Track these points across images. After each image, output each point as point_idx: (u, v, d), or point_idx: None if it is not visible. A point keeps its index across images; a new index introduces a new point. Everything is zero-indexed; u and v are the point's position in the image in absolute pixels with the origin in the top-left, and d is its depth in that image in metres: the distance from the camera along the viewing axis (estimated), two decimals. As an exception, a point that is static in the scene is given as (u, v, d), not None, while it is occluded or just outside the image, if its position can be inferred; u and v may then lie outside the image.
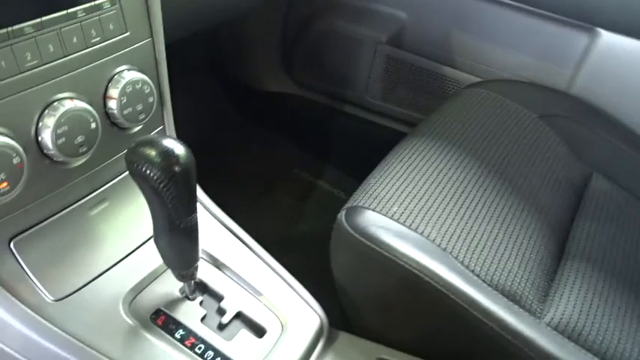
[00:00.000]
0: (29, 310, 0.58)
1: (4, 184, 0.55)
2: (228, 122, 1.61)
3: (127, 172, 0.67)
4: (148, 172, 0.52)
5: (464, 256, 0.72)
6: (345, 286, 0.77)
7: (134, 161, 0.52)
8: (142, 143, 0.53)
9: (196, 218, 0.59)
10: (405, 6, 1.35)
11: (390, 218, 0.76)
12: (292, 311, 0.70)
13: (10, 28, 0.54)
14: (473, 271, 0.64)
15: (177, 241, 0.59)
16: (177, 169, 0.52)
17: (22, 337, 0.58)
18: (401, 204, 0.79)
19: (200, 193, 0.78)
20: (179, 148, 0.53)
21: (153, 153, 0.52)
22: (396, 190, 0.81)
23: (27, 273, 0.60)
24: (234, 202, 0.85)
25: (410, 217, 0.76)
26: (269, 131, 1.61)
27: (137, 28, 0.67)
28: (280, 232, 1.27)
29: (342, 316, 0.81)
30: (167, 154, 0.52)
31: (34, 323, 0.58)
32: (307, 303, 0.72)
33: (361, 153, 1.29)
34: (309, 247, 1.01)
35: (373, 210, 0.76)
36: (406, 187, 0.82)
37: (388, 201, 0.79)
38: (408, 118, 1.42)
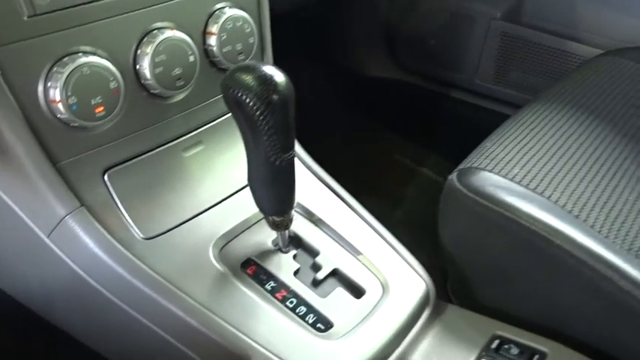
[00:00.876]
0: (119, 245, 0.55)
1: (101, 108, 0.53)
2: (328, 108, 1.57)
3: (225, 117, 0.64)
4: (244, 97, 0.47)
5: (601, 226, 0.60)
6: (456, 255, 0.68)
7: (230, 86, 0.48)
8: (240, 68, 0.49)
9: (293, 156, 0.53)
10: (524, -23, 1.23)
11: (510, 180, 0.65)
12: (394, 273, 0.62)
13: None
14: (614, 242, 0.52)
15: (272, 180, 0.54)
16: (275, 97, 0.48)
17: (110, 271, 0.55)
18: (523, 166, 0.68)
19: (297, 146, 0.72)
20: (279, 76, 0.48)
21: (250, 78, 0.48)
22: (517, 153, 0.71)
23: (119, 207, 0.57)
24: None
25: (534, 181, 0.65)
26: (371, 117, 1.55)
27: None
28: (380, 216, 1.19)
29: (447, 296, 0.71)
30: (265, 81, 0.48)
31: (123, 259, 0.55)
32: (411, 266, 0.64)
33: (468, 140, 1.19)
34: (410, 228, 0.92)
35: (490, 171, 0.67)
36: (529, 150, 0.71)
37: (508, 163, 0.69)
38: (523, 103, 1.29)
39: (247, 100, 0.47)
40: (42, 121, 0.52)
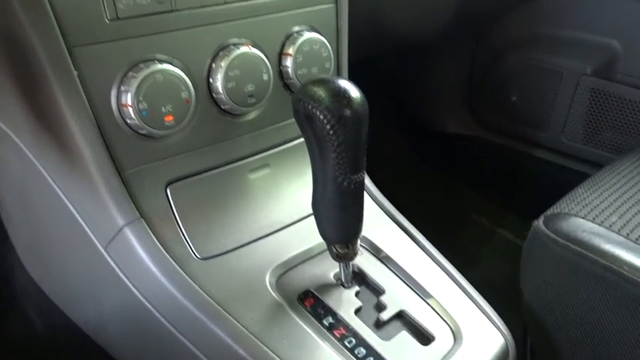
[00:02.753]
0: (173, 262, 0.52)
1: (170, 117, 0.52)
2: (400, 161, 1.52)
3: (295, 142, 0.62)
4: (315, 110, 0.45)
5: None
6: (540, 310, 0.59)
7: (301, 99, 0.46)
8: (313, 81, 0.47)
9: (363, 179, 0.49)
10: (618, 33, 1.17)
11: (607, 228, 0.57)
12: (468, 321, 0.55)
13: None
14: None
15: (338, 202, 0.50)
16: (347, 112, 0.45)
17: (162, 289, 0.52)
18: (622, 215, 0.60)
19: (366, 178, 0.68)
20: (353, 91, 0.46)
21: (323, 91, 0.46)
22: (615, 200, 0.63)
23: (178, 222, 0.55)
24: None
25: (636, 230, 0.57)
26: (446, 173, 1.48)
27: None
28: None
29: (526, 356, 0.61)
30: (339, 94, 0.45)
31: (176, 277, 0.52)
32: (487, 315, 0.56)
33: (552, 202, 1.10)
34: (485, 290, 0.85)
35: (583, 217, 0.59)
36: (629, 198, 0.63)
37: (604, 210, 0.61)
38: (615, 163, 1.18)
39: (318, 114, 0.45)
40: (111, 126, 0.51)
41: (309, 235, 0.59)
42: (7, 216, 0.74)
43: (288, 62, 0.61)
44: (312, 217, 0.53)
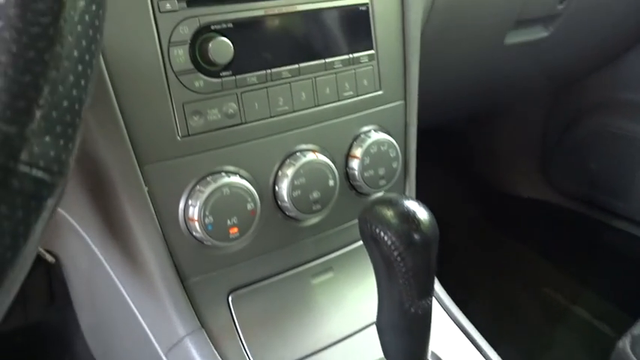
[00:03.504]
0: (232, 376, 0.51)
1: (235, 229, 0.52)
2: (468, 225, 1.47)
3: (359, 244, 0.60)
4: (382, 234, 0.43)
5: None
6: None
7: (367, 220, 0.45)
8: (380, 201, 0.46)
9: (430, 304, 0.47)
10: None
11: None
12: None
13: (269, 71, 0.54)
14: None
15: (404, 328, 0.48)
16: (416, 236, 0.43)
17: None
18: None
19: (437, 284, 0.65)
20: (422, 213, 0.44)
21: (390, 213, 0.44)
22: None
23: (238, 332, 0.54)
24: (474, 319, 0.69)
25: None
26: (516, 240, 1.42)
27: (391, 88, 0.63)
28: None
29: None
30: (407, 218, 0.44)
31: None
32: None
33: (636, 282, 1.02)
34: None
35: (678, 343, 0.53)
36: None
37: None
38: None
39: (385, 238, 0.43)
40: (177, 238, 0.52)
41: (372, 347, 0.56)
42: (75, 293, 0.76)
43: (355, 165, 0.60)
44: (375, 327, 0.50)
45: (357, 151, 0.60)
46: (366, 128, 0.62)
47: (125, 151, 0.48)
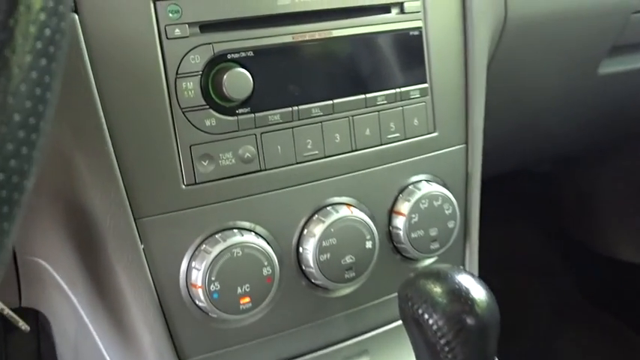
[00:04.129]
0: None
1: (247, 299, 0.50)
2: (554, 293, 1.39)
3: (400, 321, 0.56)
4: (427, 316, 0.41)
5: None
6: None
7: (408, 297, 0.42)
8: (424, 273, 0.44)
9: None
10: None
11: None
12: None
13: (295, 108, 0.52)
14: None
15: None
16: (469, 321, 0.40)
17: None
18: None
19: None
20: (478, 291, 0.41)
21: (437, 289, 0.41)
22: None
23: None
24: None
25: None
26: (616, 316, 1.32)
27: (449, 129, 0.61)
28: None
29: None
30: (458, 295, 0.41)
31: None
32: None
33: None
34: None
35: None
36: None
37: None
38: None
39: (430, 321, 0.41)
40: (177, 308, 0.50)
41: None
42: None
43: (400, 223, 0.57)
44: None
45: (404, 207, 0.58)
46: (415, 178, 0.59)
47: (119, 201, 0.47)
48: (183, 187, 0.48)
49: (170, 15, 0.46)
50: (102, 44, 0.44)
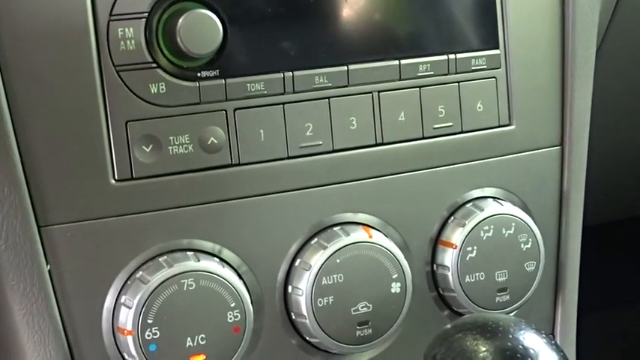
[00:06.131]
0: None
1: (201, 357, 0.50)
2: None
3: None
4: None
5: None
6: None
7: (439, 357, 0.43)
8: (466, 326, 0.45)
9: None
10: None
11: None
12: None
13: (288, 74, 0.52)
14: None
15: None
16: None
17: None
18: None
19: None
20: (547, 354, 0.42)
21: (484, 352, 0.43)
22: None
23: None
24: None
25: None
26: None
27: (533, 122, 0.60)
28: None
29: None
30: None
31: None
32: None
33: None
34: None
35: None
36: None
37: None
38: None
39: None
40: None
41: None
42: None
43: (449, 259, 0.57)
44: None
45: (455, 235, 0.58)
46: (475, 193, 0.59)
47: (16, 199, 0.47)
48: (113, 182, 0.49)
49: None
50: None
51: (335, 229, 0.54)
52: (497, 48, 0.57)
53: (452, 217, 0.58)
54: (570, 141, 0.61)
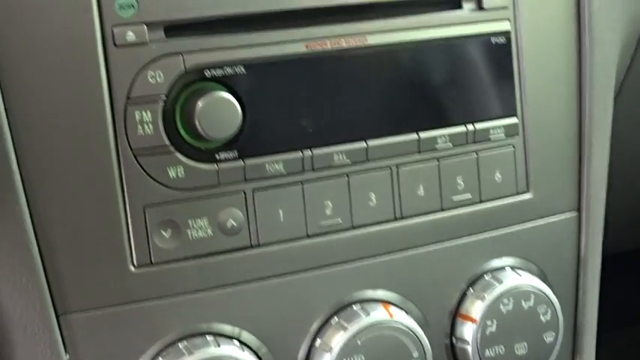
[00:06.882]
0: None
1: None
2: None
3: None
4: None
5: None
6: None
7: None
8: None
9: None
10: None
11: None
12: None
13: (307, 152, 0.52)
14: None
15: None
16: None
17: None
18: None
19: None
20: None
21: None
22: None
23: None
24: None
25: None
26: None
27: (550, 188, 0.60)
28: None
29: None
30: None
31: None
32: None
33: None
34: None
35: None
36: None
37: None
38: None
39: None
40: None
41: None
42: None
43: (469, 333, 0.57)
44: None
45: (475, 308, 0.57)
46: (494, 263, 0.59)
47: (35, 286, 0.47)
48: (133, 269, 0.49)
49: (120, 11, 0.46)
50: (15, 55, 0.44)
51: (355, 307, 0.54)
52: (515, 115, 0.57)
53: (470, 290, 0.58)
54: (588, 205, 0.61)
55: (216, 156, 0.49)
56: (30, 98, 0.45)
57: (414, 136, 0.54)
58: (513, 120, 0.57)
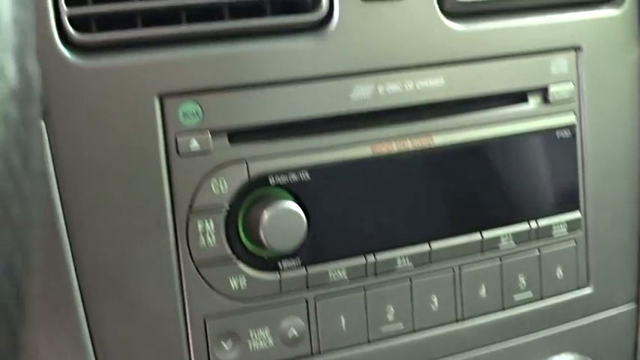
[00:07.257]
0: None
1: None
2: None
3: None
4: None
5: None
6: None
7: None
8: None
9: None
10: None
11: None
12: None
13: (371, 258, 0.50)
14: None
15: None
16: None
17: None
18: None
19: None
20: None
21: None
22: None
23: None
24: None
25: None
26: None
27: (610, 281, 0.59)
28: None
29: None
30: None
31: None
32: None
33: None
34: None
35: None
36: None
37: None
38: None
39: None
40: None
41: None
42: None
43: None
44: None
45: None
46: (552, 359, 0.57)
47: None
48: None
49: (184, 119, 0.45)
50: (78, 166, 0.43)
51: None
52: (578, 209, 0.56)
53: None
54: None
55: (279, 265, 0.48)
56: (91, 208, 0.44)
57: (477, 236, 0.53)
58: (576, 214, 0.56)
